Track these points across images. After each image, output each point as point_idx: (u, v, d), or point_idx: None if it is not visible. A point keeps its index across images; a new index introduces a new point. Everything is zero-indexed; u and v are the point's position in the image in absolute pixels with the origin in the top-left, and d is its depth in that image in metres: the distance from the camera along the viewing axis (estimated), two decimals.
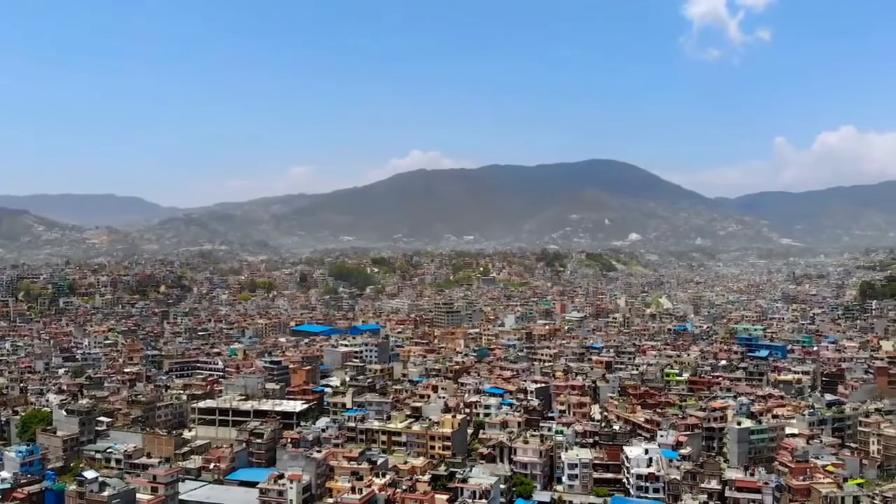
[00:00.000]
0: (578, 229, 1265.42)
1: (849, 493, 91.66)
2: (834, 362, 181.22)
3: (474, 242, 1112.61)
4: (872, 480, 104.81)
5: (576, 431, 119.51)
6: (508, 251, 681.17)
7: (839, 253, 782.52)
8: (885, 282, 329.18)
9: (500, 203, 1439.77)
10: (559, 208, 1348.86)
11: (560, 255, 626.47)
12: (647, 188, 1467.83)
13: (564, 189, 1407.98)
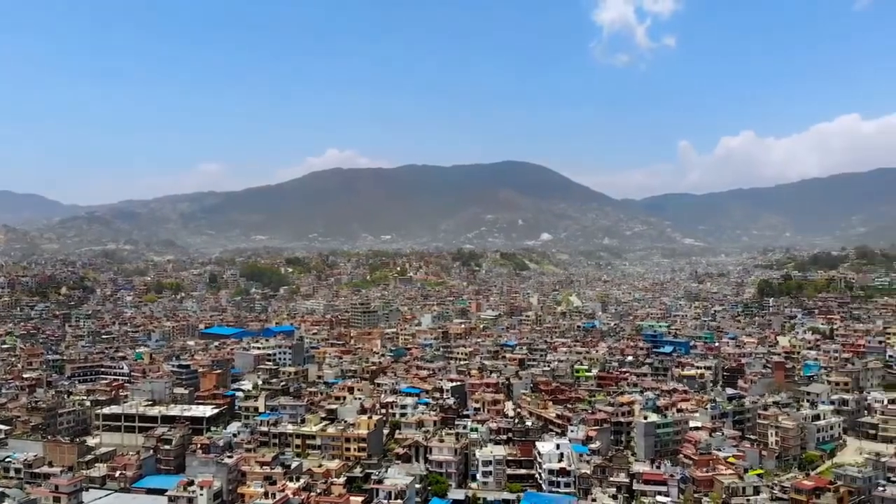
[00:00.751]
0: (493, 229, 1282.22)
1: (749, 484, 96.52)
2: (734, 357, 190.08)
3: (391, 242, 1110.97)
4: (771, 471, 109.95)
5: (490, 429, 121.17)
6: (425, 251, 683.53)
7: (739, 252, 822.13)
8: (781, 280, 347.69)
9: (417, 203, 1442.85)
10: (475, 209, 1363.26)
11: (476, 255, 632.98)
12: (558, 190, 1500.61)
13: (480, 190, 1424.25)
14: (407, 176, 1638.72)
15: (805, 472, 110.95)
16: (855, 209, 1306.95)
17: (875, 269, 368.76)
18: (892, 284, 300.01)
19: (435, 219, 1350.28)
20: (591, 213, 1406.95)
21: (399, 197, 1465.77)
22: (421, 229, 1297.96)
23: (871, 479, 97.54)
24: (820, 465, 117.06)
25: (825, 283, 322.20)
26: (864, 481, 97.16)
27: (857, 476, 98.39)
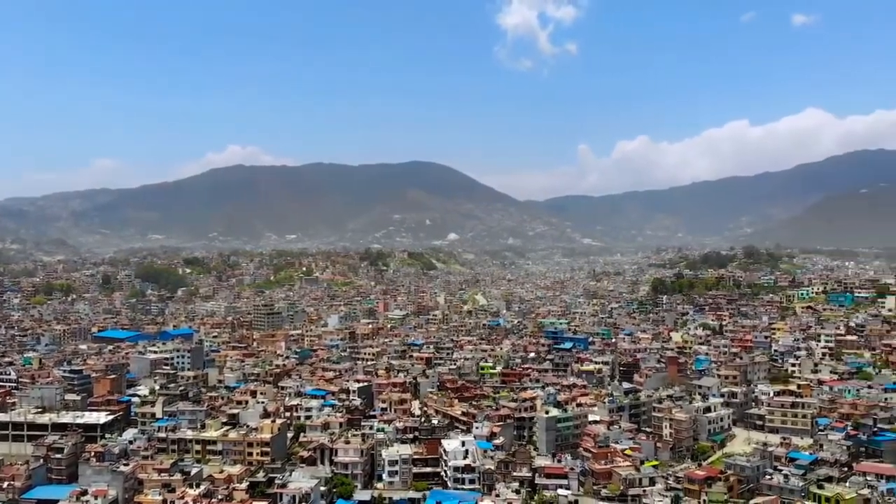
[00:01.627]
0: (401, 229, 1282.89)
1: (645, 475, 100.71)
2: (630, 353, 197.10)
3: (297, 241, 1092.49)
4: (666, 462, 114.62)
5: (397, 428, 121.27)
6: (332, 250, 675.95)
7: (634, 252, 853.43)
8: (673, 278, 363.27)
9: (323, 202, 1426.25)
10: (382, 208, 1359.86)
11: (383, 255, 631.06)
12: (464, 190, 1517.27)
13: (387, 189, 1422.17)
14: (313, 174, 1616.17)
15: (697, 463, 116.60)
16: (742, 211, 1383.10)
17: (761, 268, 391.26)
18: (776, 282, 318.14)
19: (342, 218, 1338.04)
20: (496, 214, 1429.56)
21: (305, 196, 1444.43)
22: (328, 229, 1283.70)
23: (759, 468, 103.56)
24: (711, 456, 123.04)
25: (715, 281, 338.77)
26: (753, 470, 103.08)
27: (745, 465, 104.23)
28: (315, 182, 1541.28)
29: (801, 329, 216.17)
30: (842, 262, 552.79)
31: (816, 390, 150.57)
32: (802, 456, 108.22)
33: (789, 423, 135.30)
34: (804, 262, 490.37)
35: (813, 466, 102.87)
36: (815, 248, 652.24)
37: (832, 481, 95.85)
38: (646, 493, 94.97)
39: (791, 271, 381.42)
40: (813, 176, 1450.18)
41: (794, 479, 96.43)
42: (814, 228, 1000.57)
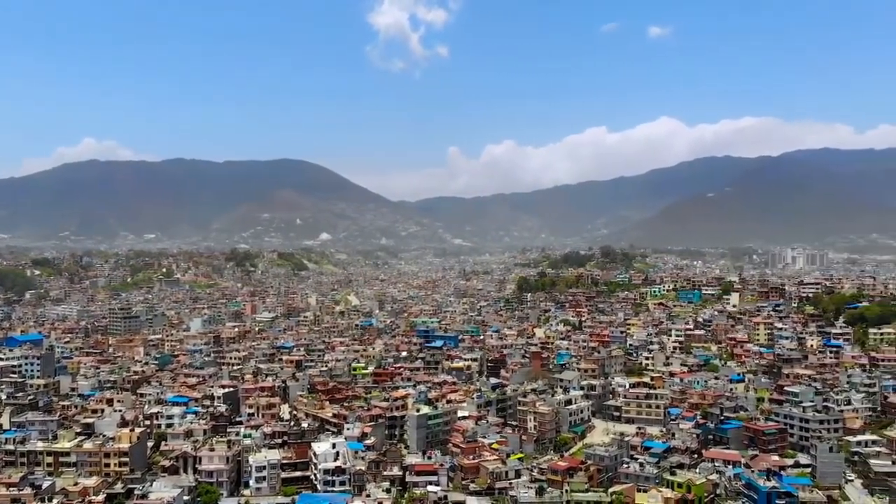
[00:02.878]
0: (270, 229, 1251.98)
1: (511, 468, 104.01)
2: (497, 349, 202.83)
3: (156, 241, 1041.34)
4: (530, 454, 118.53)
5: (265, 433, 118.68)
6: (195, 251, 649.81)
7: (501, 252, 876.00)
8: (537, 277, 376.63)
9: (186, 200, 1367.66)
10: (250, 207, 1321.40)
11: (251, 255, 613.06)
12: (337, 190, 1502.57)
13: (256, 188, 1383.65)
14: (174, 171, 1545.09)
15: (560, 454, 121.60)
16: (600, 213, 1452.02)
17: (617, 267, 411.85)
18: (631, 280, 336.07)
19: (206, 217, 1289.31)
20: (368, 214, 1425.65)
21: (165, 193, 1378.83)
22: (190, 228, 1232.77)
23: (617, 457, 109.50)
24: (573, 447, 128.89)
25: (575, 279, 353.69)
26: (611, 459, 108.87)
27: (604, 455, 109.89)
28: (177, 179, 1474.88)
29: (654, 324, 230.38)
30: (690, 261, 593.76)
31: (668, 382, 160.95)
32: (656, 444, 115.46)
33: (644, 414, 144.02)
34: (656, 262, 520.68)
35: (666, 454, 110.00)
36: (667, 249, 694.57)
37: (683, 468, 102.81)
38: (512, 486, 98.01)
39: (644, 270, 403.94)
40: (665, 180, 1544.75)
41: (648, 467, 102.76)
42: (665, 230, 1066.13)
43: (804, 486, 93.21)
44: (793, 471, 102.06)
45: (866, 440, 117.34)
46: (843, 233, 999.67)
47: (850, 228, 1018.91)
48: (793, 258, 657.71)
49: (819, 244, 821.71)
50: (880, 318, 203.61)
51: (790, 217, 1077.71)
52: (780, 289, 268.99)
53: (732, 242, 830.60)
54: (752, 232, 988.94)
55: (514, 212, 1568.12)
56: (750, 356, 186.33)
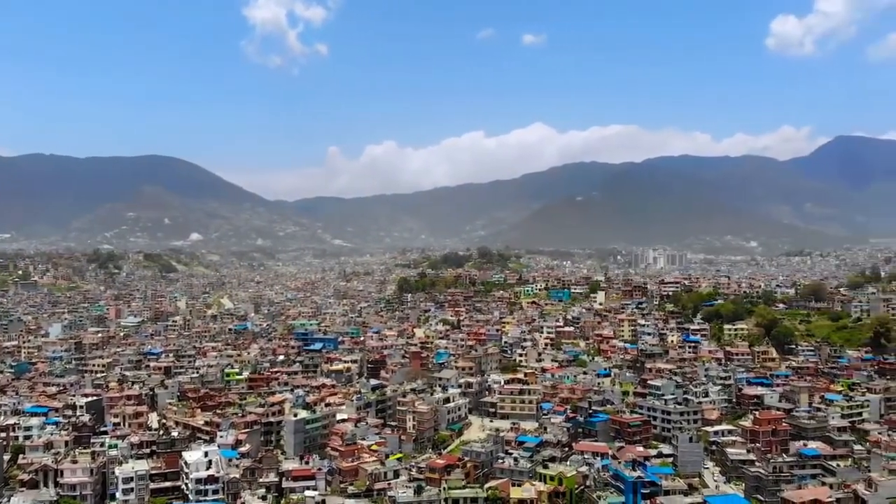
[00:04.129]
0: (136, 228, 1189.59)
1: (390, 468, 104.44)
2: (377, 350, 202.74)
3: (10, 242, 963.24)
4: (409, 453, 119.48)
5: (132, 443, 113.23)
6: (54, 251, 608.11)
7: (382, 253, 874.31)
8: (417, 277, 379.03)
9: (43, 197, 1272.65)
10: (114, 205, 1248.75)
11: (115, 256, 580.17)
12: (209, 188, 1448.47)
13: (121, 185, 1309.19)
14: (30, 166, 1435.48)
15: (438, 452, 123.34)
16: (477, 215, 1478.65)
17: (493, 267, 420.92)
18: (506, 280, 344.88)
19: (66, 216, 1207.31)
20: (243, 214, 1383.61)
21: (20, 190, 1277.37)
22: (48, 228, 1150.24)
23: (493, 452, 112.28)
24: (450, 444, 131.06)
25: (453, 279, 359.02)
26: (487, 455, 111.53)
27: (480, 451, 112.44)
28: (35, 175, 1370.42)
29: (527, 322, 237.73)
30: (561, 261, 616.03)
31: (540, 378, 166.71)
32: (529, 439, 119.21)
33: (518, 409, 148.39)
34: (529, 262, 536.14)
35: (539, 448, 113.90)
36: (539, 249, 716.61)
37: (555, 461, 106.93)
38: (391, 486, 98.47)
39: (518, 270, 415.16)
40: (537, 184, 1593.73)
41: (522, 461, 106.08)
42: (538, 231, 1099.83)
43: (667, 475, 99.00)
44: (656, 461, 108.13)
45: (723, 430, 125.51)
46: (700, 234, 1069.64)
47: (707, 230, 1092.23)
48: (654, 258, 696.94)
49: (678, 245, 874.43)
50: (734, 315, 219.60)
51: (652, 220, 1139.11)
52: (642, 287, 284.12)
53: (599, 243, 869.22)
54: (617, 234, 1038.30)
55: (395, 213, 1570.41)
56: (615, 352, 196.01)
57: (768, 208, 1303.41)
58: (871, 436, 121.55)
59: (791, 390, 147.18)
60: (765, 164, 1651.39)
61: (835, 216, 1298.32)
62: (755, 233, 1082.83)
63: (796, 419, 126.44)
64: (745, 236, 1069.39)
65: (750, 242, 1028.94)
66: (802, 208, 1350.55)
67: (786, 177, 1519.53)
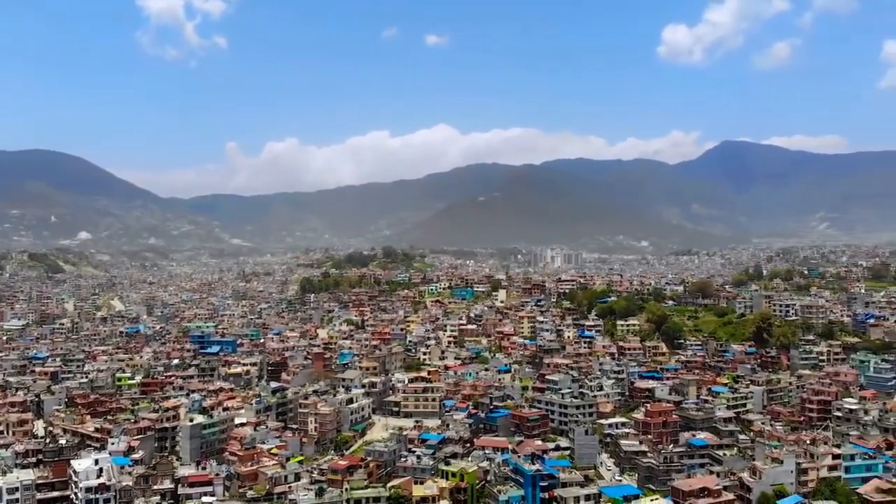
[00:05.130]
0: (19, 227, 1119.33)
1: (291, 471, 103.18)
2: (278, 352, 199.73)
3: None
4: (311, 456, 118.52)
5: (16, 452, 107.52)
6: None
7: (284, 252, 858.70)
8: (321, 277, 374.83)
9: None
10: None
11: None
12: (99, 185, 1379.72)
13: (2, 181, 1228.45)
14: None
15: (340, 453, 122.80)
16: (382, 214, 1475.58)
17: (397, 267, 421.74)
18: (410, 279, 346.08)
19: None
20: (135, 211, 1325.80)
21: None
22: None
23: (396, 451, 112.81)
24: (353, 445, 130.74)
25: (358, 279, 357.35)
26: (390, 454, 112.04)
27: (383, 451, 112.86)
28: None
29: (431, 321, 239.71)
30: (464, 260, 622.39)
31: (444, 375, 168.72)
32: (432, 436, 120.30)
33: (421, 407, 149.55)
34: (433, 261, 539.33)
35: (441, 445, 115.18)
36: (443, 249, 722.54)
37: (457, 457, 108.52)
38: (291, 490, 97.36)
39: (422, 269, 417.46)
40: (441, 184, 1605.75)
41: (425, 459, 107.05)
42: (442, 231, 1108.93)
43: (564, 468, 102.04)
44: (554, 454, 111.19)
45: (616, 422, 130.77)
46: (594, 234, 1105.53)
47: (601, 231, 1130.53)
48: (552, 257, 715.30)
49: (574, 245, 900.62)
50: (626, 311, 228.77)
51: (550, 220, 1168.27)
52: (541, 286, 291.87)
53: (501, 243, 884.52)
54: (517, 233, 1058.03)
55: (297, 211, 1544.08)
56: (515, 348, 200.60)
57: (658, 209, 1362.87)
58: (754, 426, 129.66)
59: (680, 383, 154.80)
60: (655, 168, 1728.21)
61: (720, 217, 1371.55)
62: (646, 233, 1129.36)
63: (685, 411, 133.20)
64: (637, 236, 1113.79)
65: (641, 242, 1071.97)
66: (690, 209, 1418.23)
67: (675, 180, 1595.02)
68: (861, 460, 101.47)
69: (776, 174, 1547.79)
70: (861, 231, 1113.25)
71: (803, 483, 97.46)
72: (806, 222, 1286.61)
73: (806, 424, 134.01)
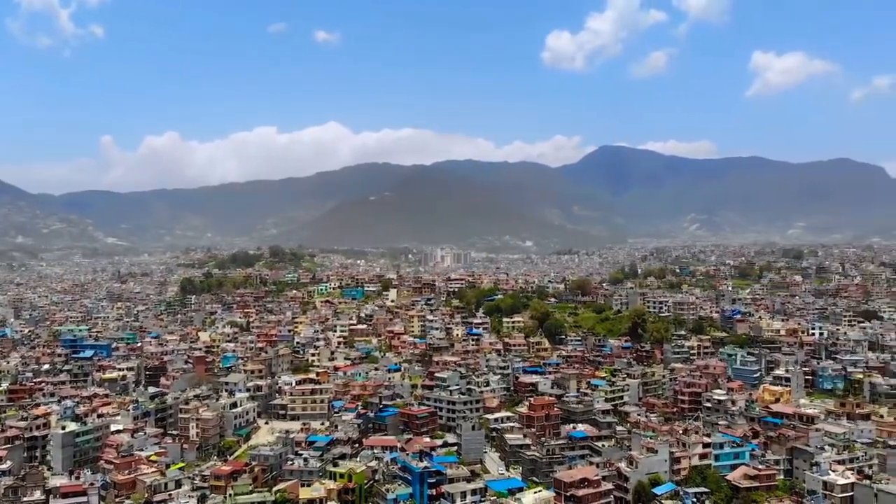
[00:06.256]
0: None
1: (171, 478, 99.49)
2: (157, 356, 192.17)
3: None
4: (193, 462, 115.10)
5: None
6: None
7: (163, 252, 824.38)
8: (203, 278, 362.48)
9: None
10: None
11: None
12: None
13: None
14: None
15: (224, 458, 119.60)
16: (269, 213, 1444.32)
17: (285, 266, 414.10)
18: (299, 279, 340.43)
19: None
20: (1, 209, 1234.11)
21: None
22: None
23: (282, 454, 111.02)
24: (237, 450, 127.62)
25: (243, 279, 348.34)
26: (276, 458, 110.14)
27: (269, 454, 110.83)
28: None
29: (321, 321, 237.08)
30: (355, 260, 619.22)
31: (333, 376, 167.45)
32: (320, 438, 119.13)
33: (309, 409, 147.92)
34: (323, 261, 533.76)
35: (329, 447, 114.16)
36: (333, 248, 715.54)
37: (346, 458, 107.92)
38: (172, 497, 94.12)
39: (312, 269, 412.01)
40: (331, 183, 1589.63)
41: (312, 461, 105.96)
42: (331, 230, 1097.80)
43: (451, 464, 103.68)
44: (442, 450, 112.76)
45: (502, 417, 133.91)
46: (482, 234, 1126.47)
47: (489, 231, 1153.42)
48: (441, 257, 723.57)
49: (463, 244, 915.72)
50: (512, 309, 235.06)
51: (440, 220, 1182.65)
52: (431, 285, 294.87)
53: (391, 242, 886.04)
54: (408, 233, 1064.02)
55: (178, 209, 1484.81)
56: (406, 347, 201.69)
57: (542, 211, 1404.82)
58: (630, 417, 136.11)
59: (562, 377, 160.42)
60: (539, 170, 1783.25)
61: (599, 218, 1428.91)
62: (530, 233, 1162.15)
63: (566, 404, 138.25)
64: (522, 236, 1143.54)
65: (526, 242, 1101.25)
66: (571, 211, 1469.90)
67: (557, 182, 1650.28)
68: (729, 448, 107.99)
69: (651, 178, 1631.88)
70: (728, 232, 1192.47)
71: (676, 471, 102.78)
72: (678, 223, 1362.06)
73: (678, 415, 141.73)
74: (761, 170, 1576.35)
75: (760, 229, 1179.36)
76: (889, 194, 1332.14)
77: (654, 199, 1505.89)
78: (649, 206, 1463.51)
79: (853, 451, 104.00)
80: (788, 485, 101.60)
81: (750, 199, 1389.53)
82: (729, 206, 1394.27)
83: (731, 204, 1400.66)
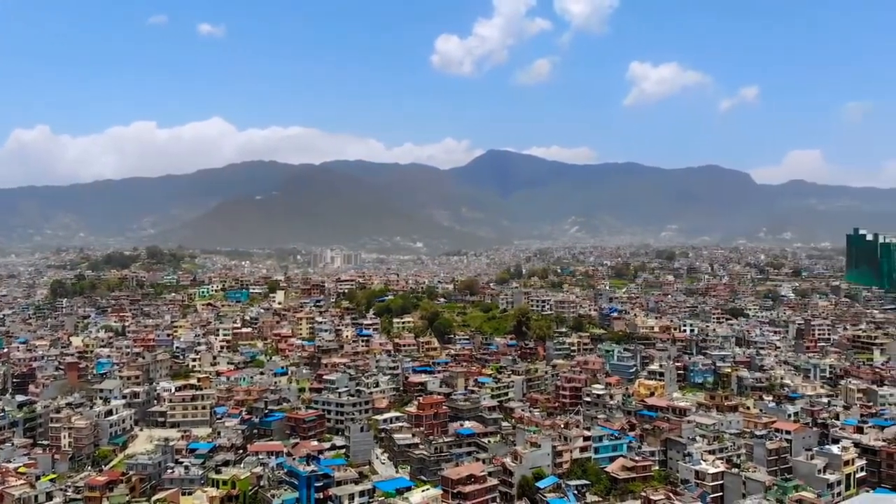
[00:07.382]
0: None
1: (42, 491, 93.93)
2: (25, 363, 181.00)
3: None
4: (65, 473, 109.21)
5: None
6: None
7: (31, 253, 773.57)
8: (75, 280, 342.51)
9: None
10: None
11: None
12: None
13: None
14: None
15: (98, 469, 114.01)
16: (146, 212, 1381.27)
17: (164, 268, 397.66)
18: (179, 281, 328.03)
19: None
20: None
21: None
22: None
23: (161, 463, 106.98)
24: (113, 459, 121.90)
25: (118, 281, 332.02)
26: (154, 467, 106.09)
27: (147, 463, 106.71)
28: None
29: (202, 325, 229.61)
30: (239, 261, 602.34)
31: (215, 381, 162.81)
32: (201, 445, 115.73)
33: (190, 416, 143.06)
34: (205, 262, 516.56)
35: (212, 454, 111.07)
36: (215, 249, 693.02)
37: (229, 465, 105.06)
38: None
39: (193, 271, 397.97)
40: (214, 181, 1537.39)
41: (194, 469, 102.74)
42: (214, 230, 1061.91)
43: (339, 466, 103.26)
44: (330, 453, 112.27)
45: (391, 417, 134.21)
46: (373, 235, 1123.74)
47: (379, 231, 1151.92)
48: (332, 258, 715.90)
49: (354, 245, 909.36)
50: (402, 309, 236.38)
51: (329, 220, 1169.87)
52: (320, 286, 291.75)
53: (279, 243, 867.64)
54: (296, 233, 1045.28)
55: (48, 208, 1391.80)
56: (293, 349, 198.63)
57: (431, 212, 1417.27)
58: (515, 413, 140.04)
59: (450, 376, 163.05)
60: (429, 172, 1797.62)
61: (486, 220, 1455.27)
62: (420, 234, 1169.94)
63: (454, 402, 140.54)
64: (412, 237, 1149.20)
65: (416, 243, 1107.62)
66: (460, 213, 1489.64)
67: (446, 184, 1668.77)
68: (608, 441, 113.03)
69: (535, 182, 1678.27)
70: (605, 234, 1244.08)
71: (559, 465, 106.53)
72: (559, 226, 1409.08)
73: (560, 410, 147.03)
74: (636, 175, 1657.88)
75: (635, 231, 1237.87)
76: (754, 199, 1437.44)
77: (537, 202, 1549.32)
78: (533, 209, 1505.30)
79: (722, 442, 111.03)
80: (663, 475, 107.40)
81: (626, 202, 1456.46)
82: (606, 210, 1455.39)
83: (608, 207, 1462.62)
